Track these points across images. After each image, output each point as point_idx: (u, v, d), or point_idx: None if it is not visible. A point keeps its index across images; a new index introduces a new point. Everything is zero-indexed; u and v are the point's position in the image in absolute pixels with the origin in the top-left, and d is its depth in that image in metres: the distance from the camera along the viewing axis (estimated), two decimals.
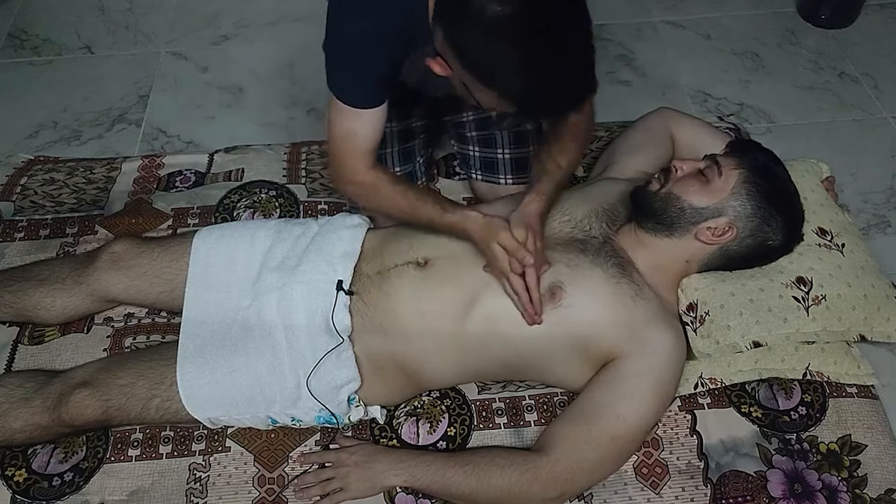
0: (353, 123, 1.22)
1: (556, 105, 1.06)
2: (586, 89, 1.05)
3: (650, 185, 1.33)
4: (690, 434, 1.32)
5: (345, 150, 1.25)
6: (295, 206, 1.68)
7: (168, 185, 1.74)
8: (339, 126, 1.23)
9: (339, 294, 1.28)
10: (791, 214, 1.32)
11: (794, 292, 1.30)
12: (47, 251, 1.58)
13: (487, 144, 1.61)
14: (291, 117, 2.03)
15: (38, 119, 2.02)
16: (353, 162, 1.26)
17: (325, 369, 1.25)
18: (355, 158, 1.26)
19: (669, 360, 1.22)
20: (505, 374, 1.35)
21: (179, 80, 2.14)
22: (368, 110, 1.21)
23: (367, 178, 1.28)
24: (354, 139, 1.24)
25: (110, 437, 1.31)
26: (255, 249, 1.38)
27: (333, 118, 1.23)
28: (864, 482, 1.27)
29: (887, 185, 1.85)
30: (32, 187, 1.73)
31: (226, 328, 1.31)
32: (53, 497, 1.25)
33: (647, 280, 1.28)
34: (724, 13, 2.35)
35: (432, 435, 1.33)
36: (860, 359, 1.38)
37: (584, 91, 1.05)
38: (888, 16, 2.33)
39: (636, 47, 2.23)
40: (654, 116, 1.57)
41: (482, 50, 0.98)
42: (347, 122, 1.23)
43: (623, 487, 1.26)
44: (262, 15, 2.35)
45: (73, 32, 2.29)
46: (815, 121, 2.02)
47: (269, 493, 1.26)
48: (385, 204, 1.31)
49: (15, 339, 1.43)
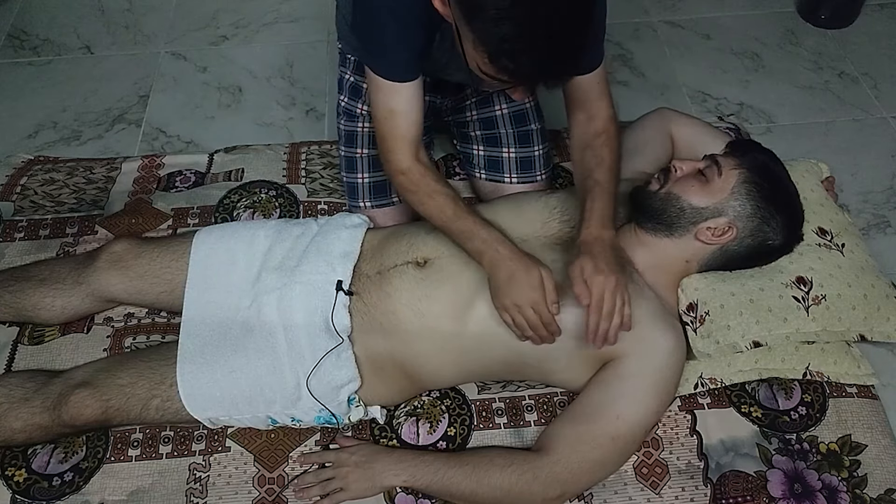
0: (392, 100, 1.21)
1: (529, 64, 0.97)
2: (569, 59, 1.00)
3: (650, 185, 1.33)
4: (690, 434, 1.32)
5: (388, 132, 1.24)
6: (295, 207, 1.68)
7: (168, 185, 1.74)
8: (379, 106, 1.23)
9: (339, 294, 1.28)
10: (791, 214, 1.32)
11: (794, 292, 1.30)
12: (47, 251, 1.58)
13: (492, 143, 1.60)
14: (290, 117, 2.03)
15: (38, 119, 2.02)
16: (397, 147, 1.24)
17: (325, 369, 1.25)
18: (399, 143, 1.23)
19: (669, 360, 1.22)
20: (505, 373, 1.35)
21: (179, 81, 2.14)
22: (405, 84, 1.20)
23: (414, 169, 1.25)
24: (395, 118, 1.22)
25: (110, 437, 1.31)
26: (254, 250, 1.38)
27: (374, 99, 1.23)
28: (864, 482, 1.27)
29: (887, 185, 1.85)
30: (32, 187, 1.73)
31: (226, 328, 1.31)
32: (53, 497, 1.25)
33: (646, 280, 1.28)
34: (723, 13, 2.35)
35: (432, 435, 1.33)
36: (860, 359, 1.38)
37: (565, 59, 1.00)
38: (888, 16, 2.33)
39: (634, 47, 2.23)
40: (653, 116, 1.57)
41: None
42: (386, 99, 1.21)
43: (623, 487, 1.26)
44: (260, 15, 2.35)
45: (72, 33, 2.29)
46: (814, 121, 2.02)
47: (269, 493, 1.26)
48: (429, 204, 1.25)
49: (15, 339, 1.43)
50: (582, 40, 0.99)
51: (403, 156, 1.24)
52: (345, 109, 1.56)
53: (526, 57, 0.96)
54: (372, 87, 1.22)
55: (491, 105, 1.58)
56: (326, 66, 2.15)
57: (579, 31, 0.97)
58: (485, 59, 0.98)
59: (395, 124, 1.23)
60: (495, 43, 0.95)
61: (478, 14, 0.95)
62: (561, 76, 1.06)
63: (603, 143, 1.29)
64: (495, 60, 0.98)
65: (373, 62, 1.20)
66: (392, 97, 1.21)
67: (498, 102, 1.58)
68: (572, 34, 0.97)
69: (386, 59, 1.19)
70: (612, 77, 2.12)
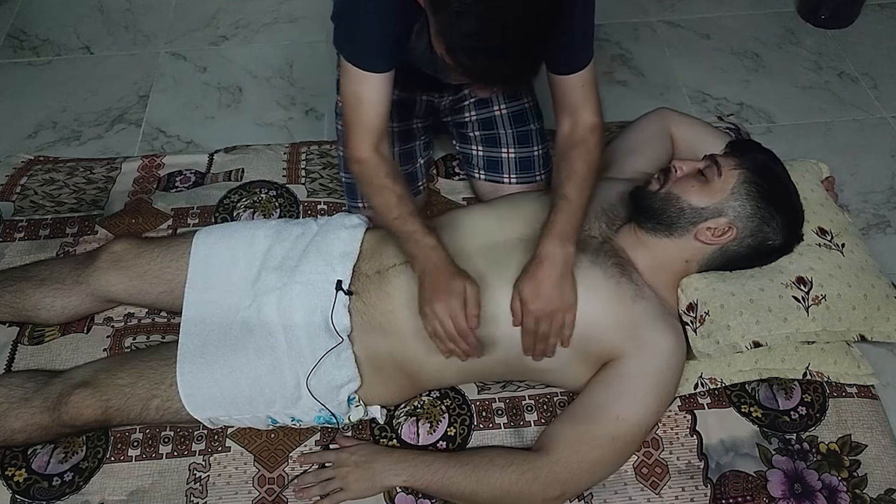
0: (360, 87, 1.21)
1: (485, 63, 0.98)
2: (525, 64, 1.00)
3: (650, 185, 1.33)
4: (690, 434, 1.32)
5: (353, 119, 1.23)
6: (294, 206, 1.68)
7: (168, 185, 1.74)
8: (348, 92, 1.22)
9: (339, 294, 1.28)
10: (791, 214, 1.32)
11: (794, 292, 1.30)
12: (47, 251, 1.58)
13: (491, 144, 1.60)
14: (290, 117, 2.03)
15: (38, 119, 2.02)
16: (359, 135, 1.23)
17: (325, 369, 1.25)
18: (362, 131, 1.23)
19: (669, 360, 1.22)
20: (504, 373, 1.35)
21: (179, 81, 2.14)
22: (376, 74, 1.20)
23: (371, 160, 1.24)
24: (362, 106, 1.22)
25: (110, 437, 1.31)
26: (254, 249, 1.38)
27: (343, 85, 1.23)
28: (864, 482, 1.27)
29: (887, 185, 1.85)
30: (32, 187, 1.73)
31: (226, 328, 1.30)
32: (53, 497, 1.25)
33: (646, 280, 1.28)
34: (723, 13, 2.35)
35: (432, 435, 1.33)
36: (860, 359, 1.38)
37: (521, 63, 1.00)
38: (888, 16, 2.33)
39: (633, 47, 2.23)
40: (653, 116, 1.57)
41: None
42: (355, 86, 1.21)
43: (623, 487, 1.26)
44: (259, 15, 2.35)
45: (72, 33, 2.29)
46: (814, 121, 2.02)
47: (269, 493, 1.26)
48: (378, 199, 1.26)
49: (15, 339, 1.43)
50: (541, 47, 0.99)
51: (364, 145, 1.24)
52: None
53: (482, 55, 0.97)
54: (342, 74, 1.23)
55: (490, 105, 1.58)
56: (326, 66, 2.15)
57: (539, 38, 0.97)
58: (444, 52, 1.00)
59: (361, 112, 1.22)
60: (454, 38, 0.97)
61: (442, 7, 0.96)
62: (517, 80, 1.06)
63: (579, 154, 1.27)
64: (453, 55, 0.99)
65: (346, 48, 1.20)
66: (361, 85, 1.21)
67: (497, 103, 1.58)
68: (531, 40, 0.97)
69: (360, 45, 1.19)
70: (612, 77, 2.12)
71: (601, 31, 2.26)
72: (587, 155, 1.28)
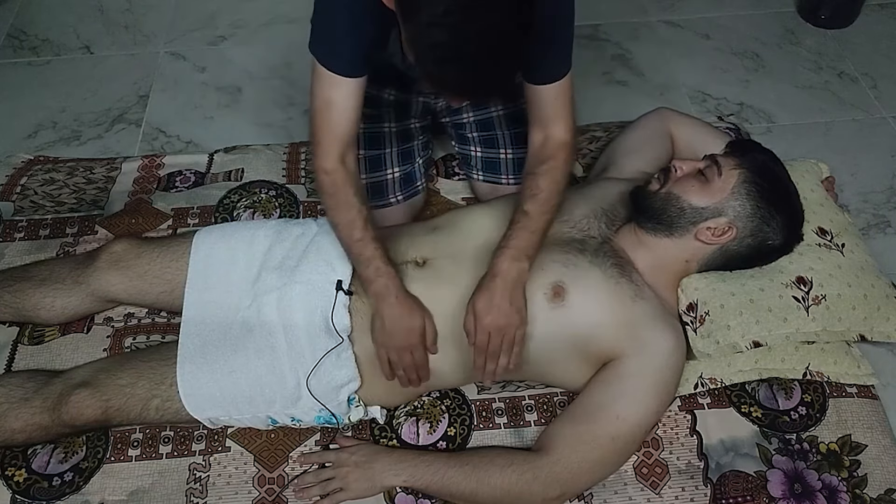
0: (332, 92, 1.19)
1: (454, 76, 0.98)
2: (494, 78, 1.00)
3: (650, 185, 1.33)
4: (690, 434, 1.32)
5: (322, 124, 1.21)
6: (295, 206, 1.68)
7: (168, 185, 1.74)
8: (318, 96, 1.20)
9: (339, 294, 1.28)
10: (791, 214, 1.32)
11: (794, 292, 1.30)
12: (47, 251, 1.58)
13: (489, 145, 1.60)
14: (289, 117, 2.03)
15: (38, 119, 2.02)
16: (327, 142, 1.21)
17: (325, 369, 1.25)
18: (330, 139, 1.21)
19: (669, 360, 1.22)
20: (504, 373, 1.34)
21: (178, 81, 2.14)
22: (348, 79, 1.18)
23: (338, 173, 1.22)
24: (332, 111, 1.20)
25: (110, 437, 1.31)
26: (254, 249, 1.38)
27: (314, 89, 1.21)
28: (864, 482, 1.27)
29: (887, 185, 1.85)
30: (32, 187, 1.73)
31: (226, 328, 1.30)
32: (53, 497, 1.25)
33: (646, 280, 1.28)
34: (723, 13, 2.35)
35: (432, 435, 1.33)
36: (860, 359, 1.38)
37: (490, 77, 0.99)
38: (888, 16, 2.33)
39: (633, 47, 2.23)
40: (652, 116, 1.58)
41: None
42: (326, 90, 1.19)
43: (623, 487, 1.26)
44: (258, 16, 2.35)
45: (72, 33, 2.29)
46: (814, 121, 2.02)
47: (269, 493, 1.26)
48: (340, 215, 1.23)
49: (15, 339, 1.43)
50: (513, 62, 0.98)
51: (331, 154, 1.21)
52: None
53: (451, 67, 0.96)
54: (314, 78, 1.20)
55: (487, 106, 1.58)
56: None
57: (510, 52, 0.96)
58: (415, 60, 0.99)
59: (329, 117, 1.20)
60: (424, 48, 0.95)
61: (413, 17, 0.94)
62: (486, 93, 1.05)
63: (545, 171, 1.25)
64: (422, 64, 0.98)
65: (319, 50, 1.19)
66: (333, 89, 1.19)
67: (495, 104, 1.58)
68: (502, 54, 0.95)
69: (333, 48, 1.18)
70: (612, 77, 2.12)
71: (601, 31, 2.26)
72: (553, 173, 1.25)
